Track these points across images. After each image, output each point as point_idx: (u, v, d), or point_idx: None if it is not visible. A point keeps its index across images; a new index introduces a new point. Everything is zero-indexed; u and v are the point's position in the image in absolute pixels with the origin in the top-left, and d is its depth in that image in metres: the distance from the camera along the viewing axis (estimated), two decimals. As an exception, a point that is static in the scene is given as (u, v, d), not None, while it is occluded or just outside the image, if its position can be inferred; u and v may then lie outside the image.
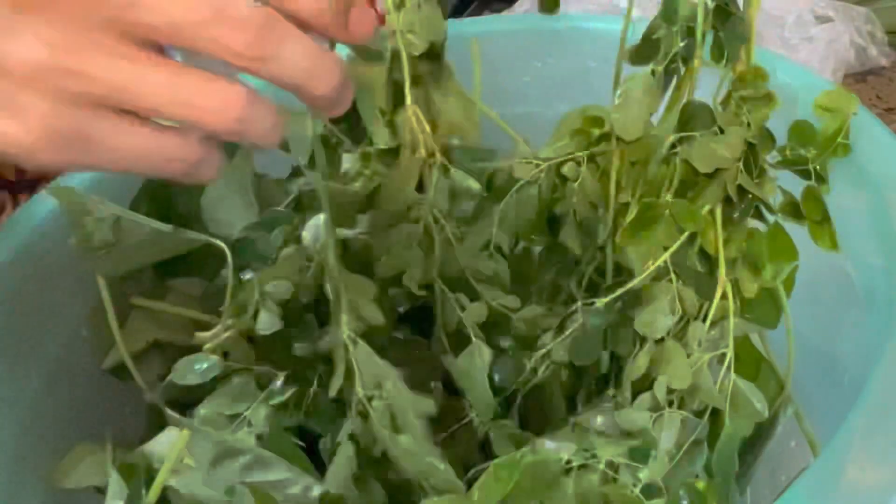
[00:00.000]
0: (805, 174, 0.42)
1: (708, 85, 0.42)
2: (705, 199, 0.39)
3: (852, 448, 0.30)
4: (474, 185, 0.47)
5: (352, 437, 0.41)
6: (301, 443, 0.46)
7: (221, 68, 0.30)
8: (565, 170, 0.42)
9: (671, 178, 0.39)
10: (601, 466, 0.36)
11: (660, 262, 0.39)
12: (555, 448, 0.37)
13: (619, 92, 0.40)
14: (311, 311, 0.47)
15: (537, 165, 0.43)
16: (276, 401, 0.47)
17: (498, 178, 0.48)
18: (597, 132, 0.43)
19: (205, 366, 0.44)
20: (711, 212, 0.39)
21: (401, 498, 0.42)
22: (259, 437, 0.46)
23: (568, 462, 0.36)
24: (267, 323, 0.42)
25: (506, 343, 0.45)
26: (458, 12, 0.99)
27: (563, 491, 0.35)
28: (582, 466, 0.35)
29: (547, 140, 0.47)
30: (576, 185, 0.42)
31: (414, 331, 0.50)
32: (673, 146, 0.39)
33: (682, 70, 0.41)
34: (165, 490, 0.42)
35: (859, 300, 0.41)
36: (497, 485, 0.35)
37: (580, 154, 0.43)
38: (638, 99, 0.40)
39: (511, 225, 0.45)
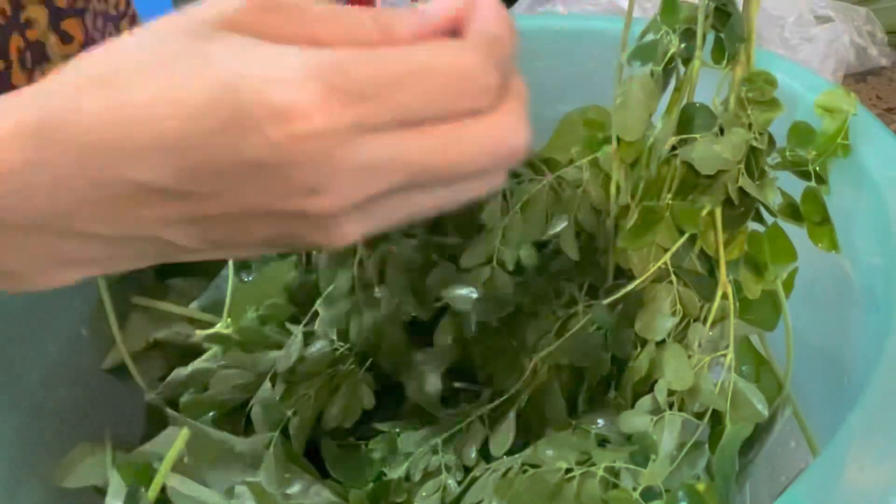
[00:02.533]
0: (805, 175, 0.41)
1: (706, 86, 0.42)
2: (706, 200, 0.39)
3: (852, 448, 0.30)
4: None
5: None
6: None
7: None
8: (568, 177, 0.42)
9: (671, 180, 0.39)
10: (600, 472, 0.36)
11: (660, 263, 0.38)
12: (554, 456, 0.37)
13: (619, 92, 0.40)
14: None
15: (541, 172, 0.43)
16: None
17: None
18: (600, 135, 0.42)
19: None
20: (711, 213, 0.39)
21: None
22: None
23: (569, 471, 0.36)
24: None
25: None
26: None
27: (564, 499, 0.35)
28: (582, 473, 0.36)
29: (547, 140, 0.47)
30: (579, 190, 0.41)
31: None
32: (673, 147, 0.39)
33: (682, 71, 0.41)
34: (165, 490, 0.42)
35: (859, 300, 0.41)
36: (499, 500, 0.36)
37: (584, 161, 0.42)
38: (639, 100, 0.39)
39: (516, 239, 0.43)
